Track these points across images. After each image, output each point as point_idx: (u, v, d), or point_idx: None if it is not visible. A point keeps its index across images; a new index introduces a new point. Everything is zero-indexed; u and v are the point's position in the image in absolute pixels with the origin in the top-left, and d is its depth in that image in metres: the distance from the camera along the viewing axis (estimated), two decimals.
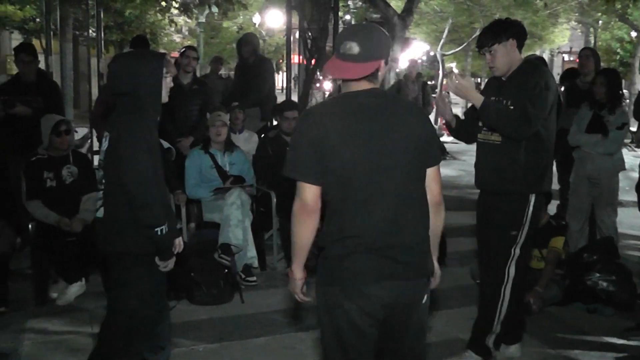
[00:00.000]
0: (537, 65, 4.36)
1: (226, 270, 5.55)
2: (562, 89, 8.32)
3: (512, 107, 3.98)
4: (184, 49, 7.39)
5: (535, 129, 3.96)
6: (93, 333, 4.79)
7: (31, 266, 5.51)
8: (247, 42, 8.22)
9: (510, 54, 4.07)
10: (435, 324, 5.05)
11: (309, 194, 2.67)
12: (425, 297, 2.87)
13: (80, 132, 10.00)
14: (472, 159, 4.43)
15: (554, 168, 7.60)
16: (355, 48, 2.67)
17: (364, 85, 2.73)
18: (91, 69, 12.90)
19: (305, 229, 2.72)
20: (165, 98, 3.45)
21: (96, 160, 6.56)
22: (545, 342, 4.81)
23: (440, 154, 2.93)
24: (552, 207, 6.13)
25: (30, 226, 5.42)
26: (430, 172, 2.83)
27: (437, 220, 2.90)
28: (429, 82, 13.87)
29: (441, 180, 2.91)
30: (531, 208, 4.17)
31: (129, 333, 3.53)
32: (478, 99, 3.97)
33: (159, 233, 3.32)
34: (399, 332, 2.89)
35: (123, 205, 3.31)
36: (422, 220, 2.81)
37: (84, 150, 9.03)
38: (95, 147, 8.07)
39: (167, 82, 3.46)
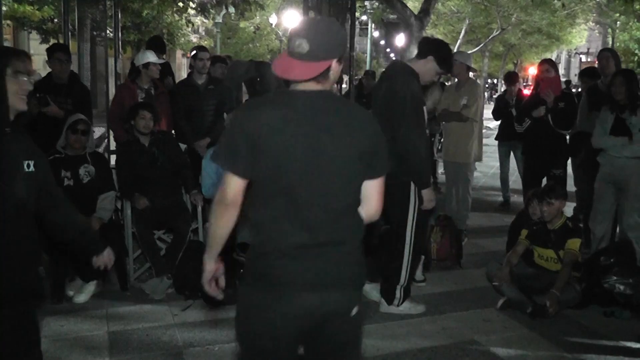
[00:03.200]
0: None
1: (242, 270, 5.55)
2: (580, 89, 8.26)
3: None
4: (194, 52, 7.38)
5: None
6: (109, 331, 4.84)
7: (48, 264, 5.54)
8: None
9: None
10: (450, 325, 5.06)
11: (233, 186, 2.51)
12: (355, 309, 2.62)
13: (98, 131, 10.07)
14: (490, 161, 4.44)
15: (570, 170, 7.59)
16: (304, 46, 2.44)
17: (312, 86, 2.51)
18: (108, 69, 12.95)
19: (224, 221, 2.58)
20: (19, 105, 2.74)
21: (113, 159, 6.65)
22: (561, 345, 4.78)
23: (386, 166, 2.63)
24: (568, 209, 6.07)
25: None
26: (370, 184, 2.60)
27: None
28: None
29: (382, 195, 2.66)
30: None
31: None
32: None
33: None
34: (324, 346, 2.67)
35: None
36: (355, 229, 2.60)
37: (100, 149, 9.08)
38: (112, 146, 8.11)
39: (22, 85, 2.72)
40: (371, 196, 2.62)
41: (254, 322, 2.59)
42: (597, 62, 7.35)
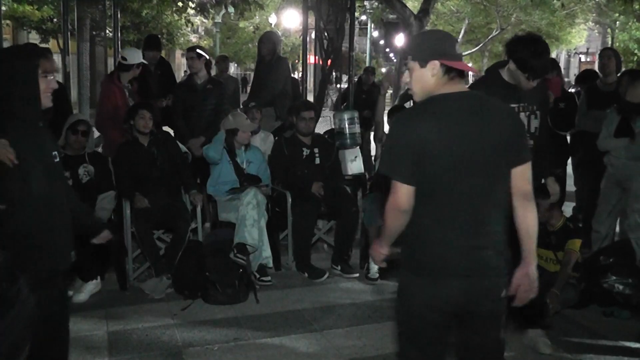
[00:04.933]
0: None
1: (241, 270, 5.55)
2: (577, 90, 8.22)
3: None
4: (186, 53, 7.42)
5: None
6: (109, 331, 4.84)
7: None
8: (266, 40, 8.19)
9: None
10: None
11: (402, 192, 2.74)
12: (504, 292, 2.89)
13: (97, 131, 10.03)
14: None
15: (570, 170, 7.58)
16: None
17: (462, 86, 2.86)
18: (108, 69, 12.97)
19: (398, 224, 2.82)
20: (46, 102, 2.99)
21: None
22: (561, 345, 4.78)
23: (528, 152, 2.91)
24: (567, 209, 6.05)
25: None
26: (517, 171, 2.85)
27: (527, 216, 2.88)
28: None
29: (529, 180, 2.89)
30: None
31: None
32: None
33: None
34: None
35: None
36: (503, 221, 2.84)
37: (100, 149, 9.06)
38: None
39: (49, 84, 2.97)
40: (519, 181, 2.84)
41: (412, 304, 2.88)
42: (597, 59, 7.33)
